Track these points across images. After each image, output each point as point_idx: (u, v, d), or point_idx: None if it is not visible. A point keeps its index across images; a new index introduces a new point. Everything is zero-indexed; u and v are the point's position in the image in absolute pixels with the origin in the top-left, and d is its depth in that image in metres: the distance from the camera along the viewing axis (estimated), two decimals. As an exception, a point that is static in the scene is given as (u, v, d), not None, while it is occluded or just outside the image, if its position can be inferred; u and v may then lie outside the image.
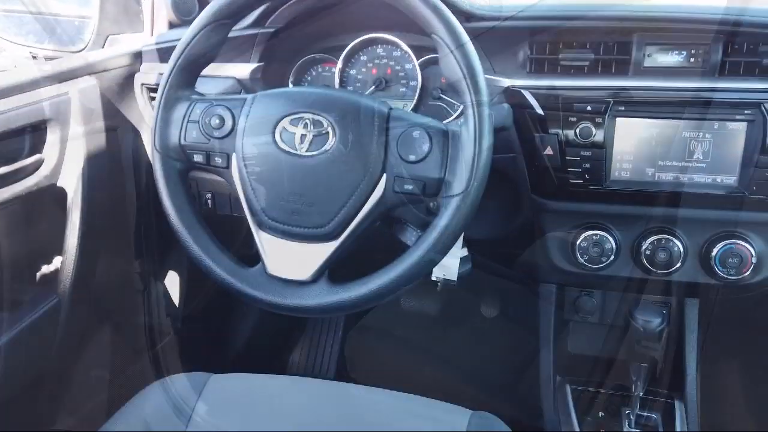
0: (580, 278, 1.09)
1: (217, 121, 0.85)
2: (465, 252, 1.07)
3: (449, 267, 1.04)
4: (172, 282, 1.45)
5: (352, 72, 1.19)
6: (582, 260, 1.04)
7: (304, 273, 0.82)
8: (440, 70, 0.81)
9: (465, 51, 0.77)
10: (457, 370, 1.68)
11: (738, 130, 0.92)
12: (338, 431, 0.88)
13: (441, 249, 0.78)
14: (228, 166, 0.86)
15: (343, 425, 0.90)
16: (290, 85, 1.20)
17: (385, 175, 0.80)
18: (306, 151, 0.81)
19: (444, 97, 1.14)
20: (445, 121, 0.83)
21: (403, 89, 1.18)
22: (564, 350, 1.24)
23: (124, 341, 1.34)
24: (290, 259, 0.83)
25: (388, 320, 1.91)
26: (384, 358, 1.86)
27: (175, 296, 1.44)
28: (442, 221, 0.77)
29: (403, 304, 1.83)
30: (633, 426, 1.01)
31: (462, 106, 0.79)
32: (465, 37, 0.78)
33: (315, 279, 0.82)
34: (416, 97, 1.13)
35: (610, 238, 1.02)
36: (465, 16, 1.00)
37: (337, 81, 1.16)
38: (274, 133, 0.82)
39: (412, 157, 0.79)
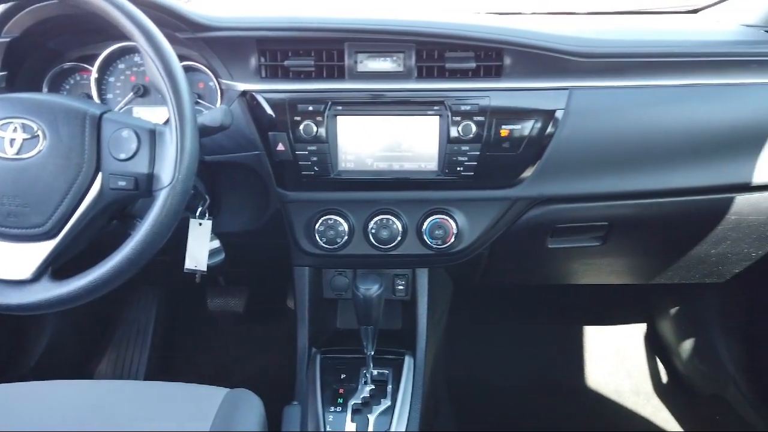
0: (326, 259, 1.23)
1: None
2: (216, 244, 1.16)
3: (199, 258, 1.12)
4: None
5: (111, 80, 1.23)
6: (321, 242, 1.17)
7: (25, 272, 0.86)
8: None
9: (164, 57, 0.86)
10: (256, 359, 1.78)
11: (433, 123, 1.11)
12: (86, 429, 0.91)
13: (154, 239, 0.85)
14: None
15: (95, 421, 0.93)
16: (45, 94, 1.21)
17: (100, 173, 0.86)
18: (16, 154, 0.85)
19: (201, 102, 1.22)
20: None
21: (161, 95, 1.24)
22: (332, 326, 1.38)
23: None
24: (10, 260, 0.86)
25: (196, 322, 1.95)
26: (194, 356, 1.90)
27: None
28: (153, 212, 0.85)
29: (210, 305, 1.88)
30: (369, 382, 1.16)
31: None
32: (163, 44, 0.86)
33: (37, 277, 0.86)
34: None
35: (343, 222, 1.17)
36: (194, 27, 1.08)
37: (93, 89, 1.20)
38: None
39: (122, 155, 0.86)
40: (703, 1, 1.59)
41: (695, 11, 1.59)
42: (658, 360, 1.92)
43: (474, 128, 1.08)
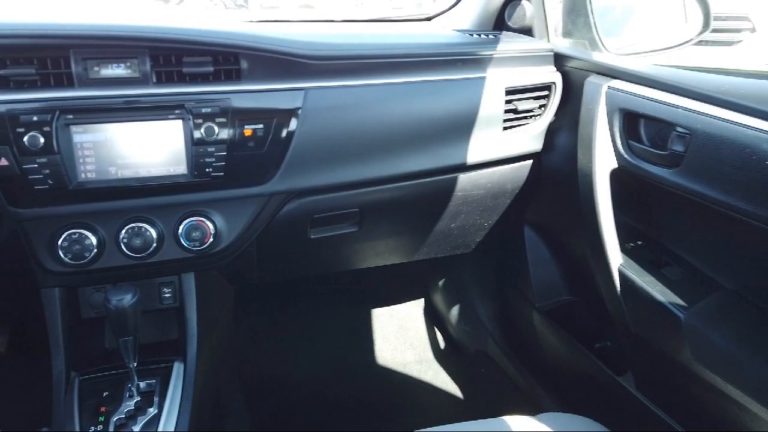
0: (77, 276, 1.16)
1: None
2: (-66, 275, 1.04)
3: None
4: None
5: None
6: (66, 259, 1.11)
7: None
8: None
9: None
10: (19, 398, 1.61)
11: (176, 127, 1.11)
12: None
13: None
14: None
15: None
16: None
17: None
18: None
19: None
20: None
21: None
22: (100, 346, 1.31)
23: None
24: None
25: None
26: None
27: None
28: None
29: None
30: (135, 395, 1.13)
31: None
32: None
33: None
34: None
35: (91, 234, 1.12)
36: None
37: None
38: None
39: None
40: (435, 10, 1.83)
41: (429, 19, 1.83)
42: (435, 329, 2.15)
43: (217, 130, 1.11)
